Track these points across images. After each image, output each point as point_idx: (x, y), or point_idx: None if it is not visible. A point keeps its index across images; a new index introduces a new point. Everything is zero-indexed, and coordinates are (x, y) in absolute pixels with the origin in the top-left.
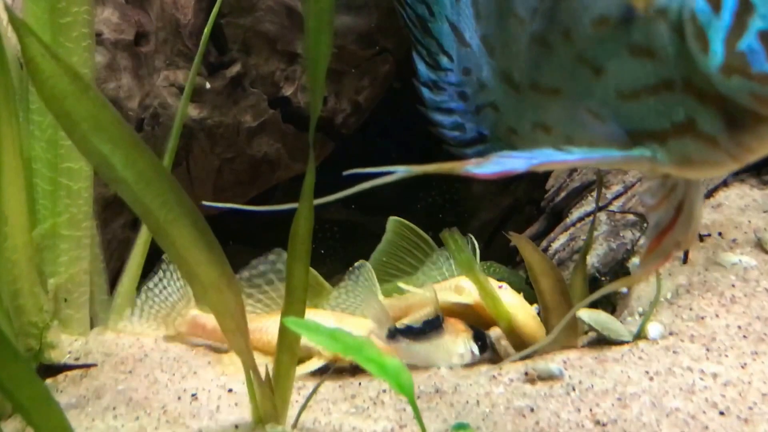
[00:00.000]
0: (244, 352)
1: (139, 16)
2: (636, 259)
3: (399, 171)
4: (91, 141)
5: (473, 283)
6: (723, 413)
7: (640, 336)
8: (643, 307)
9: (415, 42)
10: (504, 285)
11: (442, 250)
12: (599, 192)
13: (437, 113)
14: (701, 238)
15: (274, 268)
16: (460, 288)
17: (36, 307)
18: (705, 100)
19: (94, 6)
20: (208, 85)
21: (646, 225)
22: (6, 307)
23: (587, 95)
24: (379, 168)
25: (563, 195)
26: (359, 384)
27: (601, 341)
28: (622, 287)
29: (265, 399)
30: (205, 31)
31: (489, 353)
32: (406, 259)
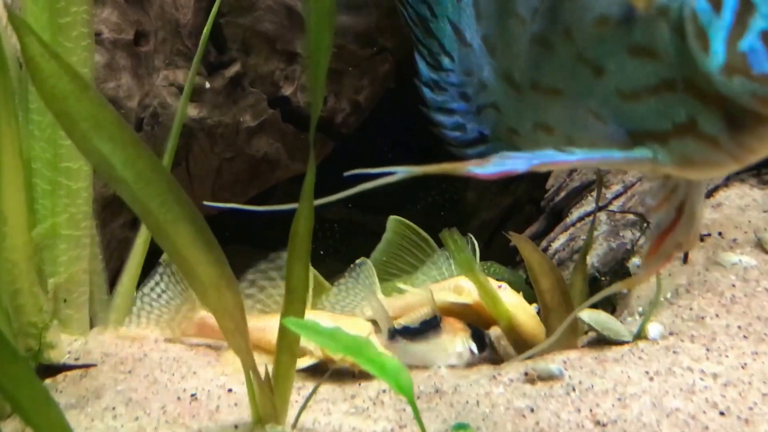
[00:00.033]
0: (243, 352)
1: (138, 16)
2: (636, 259)
3: (400, 172)
4: (91, 140)
5: (473, 283)
6: (723, 413)
7: (640, 336)
8: (643, 307)
9: (416, 42)
10: (503, 285)
11: (442, 250)
12: (599, 192)
13: (439, 113)
14: (701, 238)
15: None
16: (459, 288)
17: (35, 307)
18: (706, 101)
19: (93, 6)
20: (207, 85)
21: (645, 225)
22: (5, 307)
23: (588, 95)
24: (380, 169)
25: (563, 195)
26: (359, 384)
27: (601, 341)
28: (624, 289)
29: (265, 399)
30: (205, 30)
31: (488, 352)
32: (406, 258)
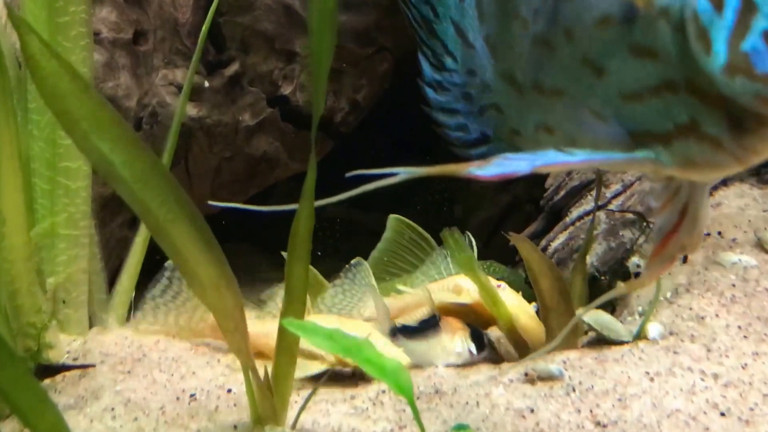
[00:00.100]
0: (243, 352)
1: (137, 15)
2: (635, 258)
3: (402, 173)
4: (91, 140)
5: (473, 283)
6: (724, 414)
7: (640, 336)
8: (642, 306)
9: (420, 43)
10: (503, 284)
11: (441, 249)
12: (599, 191)
13: (441, 114)
14: None
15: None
16: (458, 287)
17: (34, 307)
18: (708, 102)
19: (91, 5)
20: (206, 84)
21: (645, 224)
22: (4, 307)
23: (590, 96)
24: (382, 169)
25: (562, 194)
26: (358, 385)
27: (601, 341)
28: (627, 292)
29: (264, 400)
30: (203, 29)
31: (487, 352)
32: (406, 257)
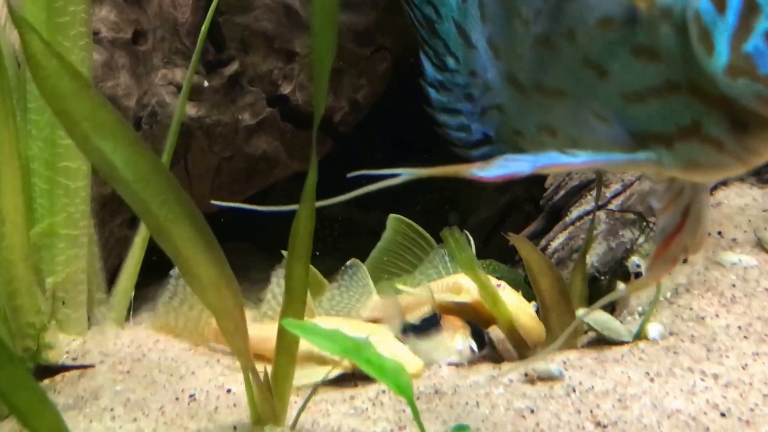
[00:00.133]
0: (242, 352)
1: (136, 15)
2: (635, 258)
3: (404, 174)
4: (92, 139)
5: (474, 282)
6: (724, 415)
7: (640, 336)
8: (642, 306)
9: (422, 43)
10: (502, 283)
11: (439, 248)
12: (599, 191)
13: (443, 114)
14: None
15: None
16: (457, 286)
17: (33, 307)
18: (710, 103)
19: (91, 4)
20: (206, 84)
21: (645, 224)
22: (3, 307)
23: (592, 97)
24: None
25: (562, 193)
26: (358, 385)
27: (601, 341)
28: (629, 294)
29: (264, 400)
30: (203, 29)
31: (488, 350)
32: (405, 257)
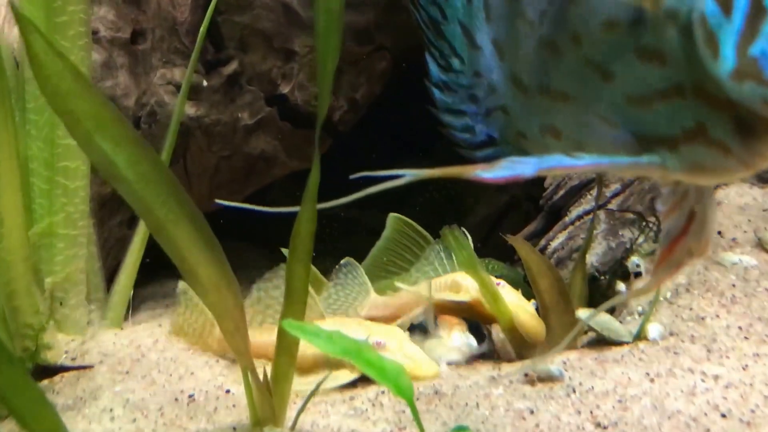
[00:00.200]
0: (242, 353)
1: (135, 14)
2: (635, 258)
3: (407, 175)
4: (94, 139)
5: (474, 280)
6: (725, 416)
7: (640, 336)
8: (642, 306)
9: (427, 43)
10: (502, 282)
11: (434, 245)
12: (599, 191)
13: (448, 115)
14: None
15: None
16: (456, 284)
17: (32, 308)
18: (716, 106)
19: (90, 4)
20: (205, 83)
21: (644, 224)
22: (2, 308)
23: (596, 100)
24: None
25: (562, 193)
26: (357, 385)
27: (601, 341)
28: (631, 298)
29: (264, 401)
30: (202, 28)
31: (487, 345)
32: (405, 256)
